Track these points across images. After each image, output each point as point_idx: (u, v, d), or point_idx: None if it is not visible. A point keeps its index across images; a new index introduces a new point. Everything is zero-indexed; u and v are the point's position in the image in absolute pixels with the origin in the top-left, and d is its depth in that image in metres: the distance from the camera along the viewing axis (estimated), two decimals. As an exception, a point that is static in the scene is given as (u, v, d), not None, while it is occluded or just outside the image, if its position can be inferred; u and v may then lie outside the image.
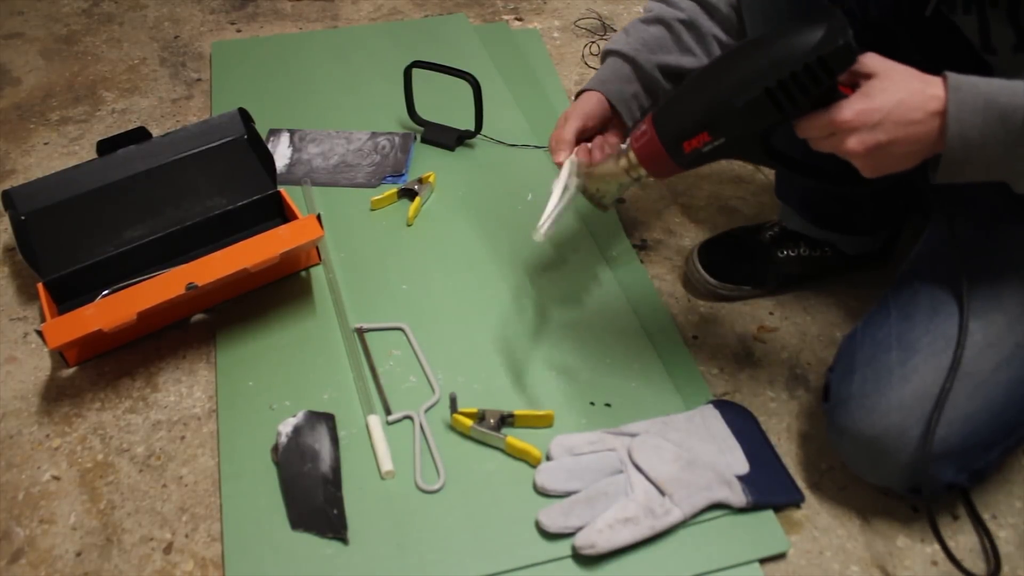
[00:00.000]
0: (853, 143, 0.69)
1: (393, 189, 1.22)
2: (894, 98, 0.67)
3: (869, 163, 0.70)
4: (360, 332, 1.03)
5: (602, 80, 0.95)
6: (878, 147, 0.68)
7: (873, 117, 0.67)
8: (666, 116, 0.77)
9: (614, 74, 0.95)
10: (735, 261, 1.09)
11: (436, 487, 0.87)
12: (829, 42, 0.67)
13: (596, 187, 0.85)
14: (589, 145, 0.92)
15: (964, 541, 0.85)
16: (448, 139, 1.31)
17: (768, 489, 0.86)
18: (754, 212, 1.22)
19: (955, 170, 0.69)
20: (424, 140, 1.32)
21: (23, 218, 1.12)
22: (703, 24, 0.94)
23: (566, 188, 0.88)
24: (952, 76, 0.67)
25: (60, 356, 1.01)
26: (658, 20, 0.95)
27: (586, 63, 1.54)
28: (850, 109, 0.68)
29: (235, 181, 1.17)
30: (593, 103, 0.93)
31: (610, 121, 0.94)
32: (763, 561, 0.83)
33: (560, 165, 0.89)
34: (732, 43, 0.97)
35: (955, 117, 0.66)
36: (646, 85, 0.95)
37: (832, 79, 0.68)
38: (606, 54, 0.98)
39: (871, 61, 0.69)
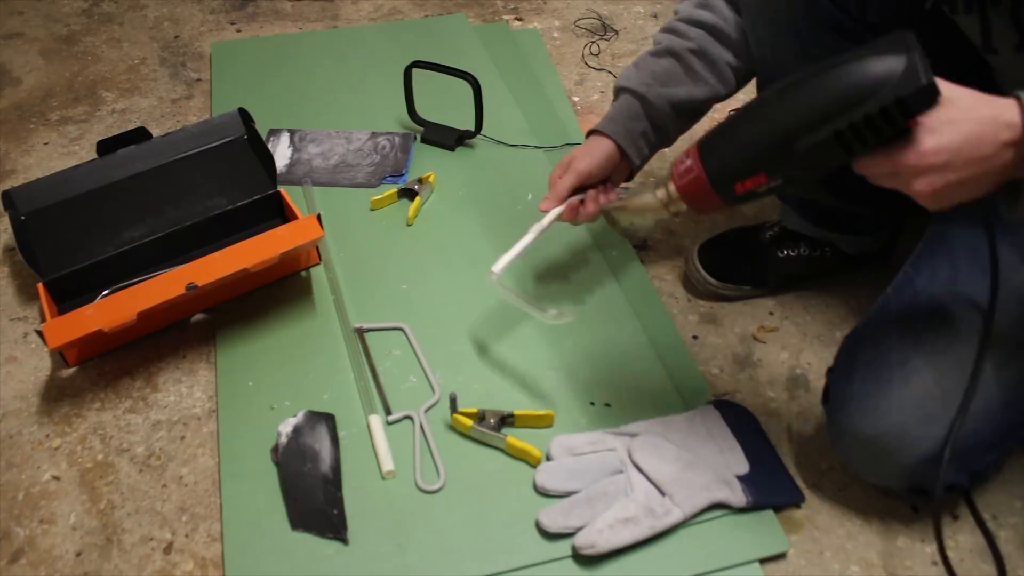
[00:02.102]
0: (920, 185, 0.63)
1: (393, 189, 1.22)
2: (963, 133, 0.61)
3: (935, 201, 0.64)
4: (360, 332, 1.03)
5: (610, 119, 0.96)
6: (947, 187, 0.63)
7: (941, 157, 0.61)
8: (717, 154, 0.69)
9: (622, 112, 0.95)
10: (735, 261, 1.09)
11: (436, 487, 0.87)
12: (910, 81, 0.60)
13: (630, 221, 0.79)
14: (579, 198, 0.94)
15: (964, 541, 0.85)
16: (448, 139, 1.31)
17: (768, 489, 0.86)
18: (754, 212, 1.22)
19: None
20: (424, 140, 1.32)
21: (23, 218, 1.12)
22: (713, 51, 0.94)
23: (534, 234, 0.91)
24: None
25: (60, 356, 1.01)
26: (668, 52, 0.95)
27: (586, 63, 1.54)
28: (916, 152, 0.62)
29: (235, 181, 1.17)
30: (599, 152, 0.94)
31: (617, 164, 0.95)
32: (763, 561, 0.83)
33: (544, 211, 0.91)
34: (744, 67, 0.96)
35: None
36: (655, 121, 0.96)
37: (908, 122, 0.61)
38: (617, 91, 0.98)
39: (940, 84, 0.62)
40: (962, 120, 0.61)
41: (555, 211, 0.92)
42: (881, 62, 0.61)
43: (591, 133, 0.97)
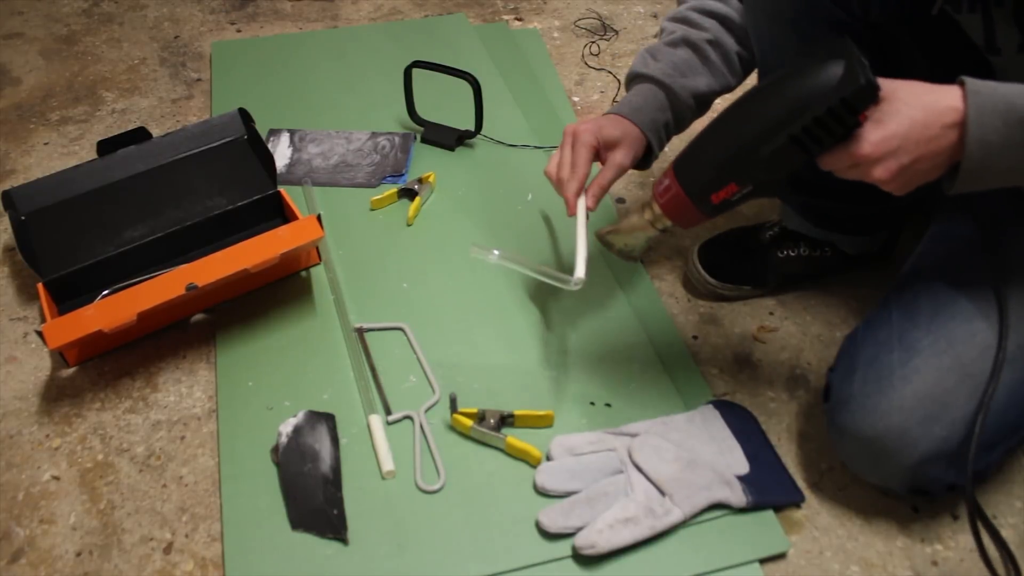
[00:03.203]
0: (878, 172, 0.68)
1: (393, 189, 1.22)
2: (908, 119, 0.67)
3: (895, 185, 0.70)
4: (360, 332, 1.03)
5: (638, 108, 0.93)
6: (902, 170, 0.68)
7: (892, 144, 0.67)
8: (690, 169, 0.75)
9: (649, 103, 0.94)
10: (735, 261, 1.09)
11: (436, 487, 0.87)
12: (850, 81, 0.66)
13: (624, 243, 0.85)
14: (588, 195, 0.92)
15: (964, 541, 0.85)
16: (448, 139, 1.31)
17: (768, 489, 0.86)
18: (754, 212, 1.22)
19: (974, 177, 0.68)
20: (424, 140, 1.32)
21: (23, 218, 1.12)
22: (726, 42, 0.94)
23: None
24: (970, 81, 0.66)
25: (60, 356, 1.01)
26: (684, 41, 0.94)
27: (586, 63, 1.54)
28: (867, 142, 0.67)
29: (235, 181, 1.17)
30: (639, 146, 0.92)
31: (617, 144, 0.92)
32: (763, 561, 0.83)
33: (574, 209, 0.90)
34: (749, 57, 0.96)
35: (976, 122, 0.65)
36: (677, 113, 0.95)
37: (856, 118, 0.67)
38: (635, 77, 0.96)
39: (880, 83, 0.68)
40: (906, 108, 0.67)
41: (582, 212, 0.91)
42: (823, 69, 0.67)
43: (611, 115, 0.93)
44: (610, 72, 1.51)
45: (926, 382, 0.78)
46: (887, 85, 0.68)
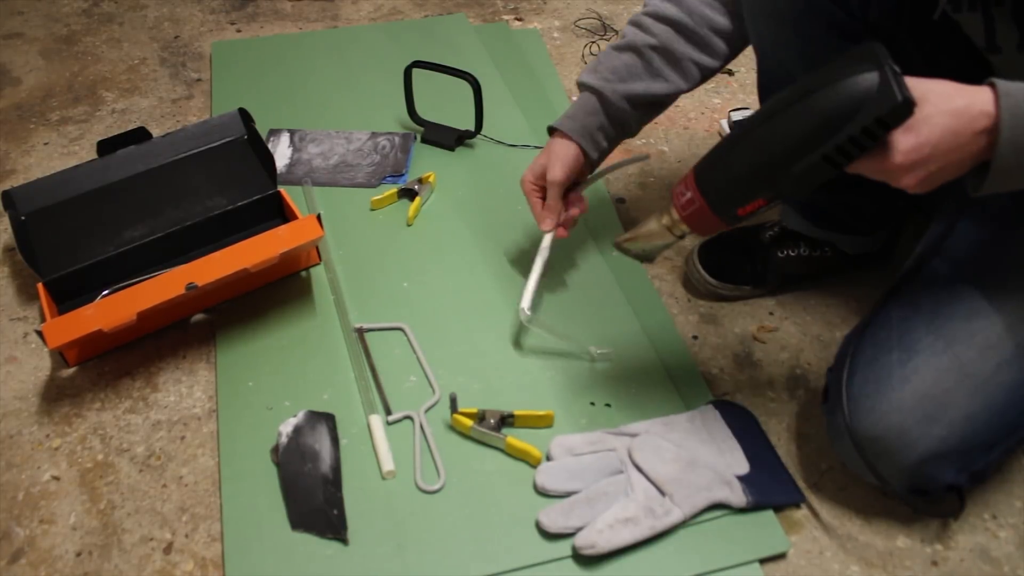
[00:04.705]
0: (907, 180, 0.67)
1: (393, 189, 1.22)
2: (940, 127, 0.65)
3: (921, 189, 0.69)
4: (360, 332, 1.03)
5: (569, 116, 0.99)
6: (929, 177, 0.67)
7: (923, 153, 0.65)
8: (714, 183, 0.73)
9: (581, 109, 0.98)
10: (735, 261, 1.09)
11: (436, 487, 0.87)
12: (886, 99, 0.63)
13: (642, 248, 0.84)
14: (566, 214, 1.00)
15: (964, 541, 0.85)
16: (448, 139, 1.31)
17: (768, 489, 0.86)
18: (754, 212, 1.22)
19: (1004, 179, 0.67)
20: (424, 140, 1.32)
21: (23, 218, 1.12)
22: (677, 48, 0.94)
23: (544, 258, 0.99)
24: (1001, 83, 0.65)
25: (60, 356, 1.01)
26: (629, 47, 0.96)
27: (586, 63, 1.54)
28: (899, 151, 0.65)
29: (235, 181, 1.17)
30: (569, 158, 0.97)
31: (583, 162, 0.98)
32: (763, 561, 0.83)
33: (547, 230, 0.98)
34: (713, 65, 0.97)
35: (1009, 125, 0.64)
36: (612, 116, 0.98)
37: (888, 133, 0.65)
38: (578, 85, 1.01)
39: (910, 85, 0.66)
40: (937, 115, 0.65)
41: (550, 234, 1.00)
42: (856, 83, 0.65)
43: (551, 130, 1.00)
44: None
45: (925, 382, 0.78)
46: (917, 87, 0.65)
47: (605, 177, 1.28)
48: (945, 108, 0.65)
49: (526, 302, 0.97)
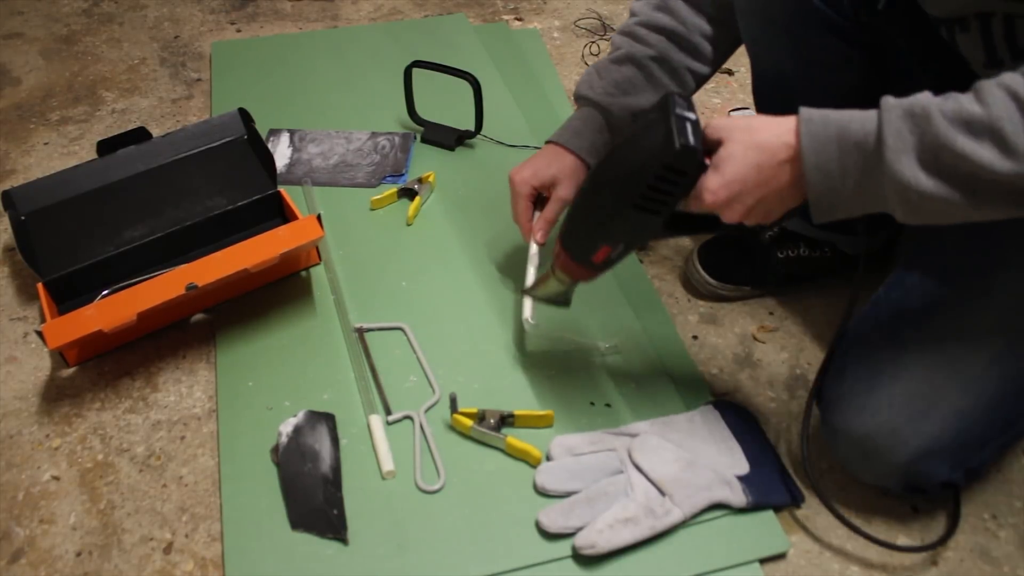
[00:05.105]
0: (729, 215, 0.71)
1: (393, 189, 1.22)
2: (743, 163, 0.68)
3: (752, 220, 0.72)
4: (360, 332, 1.03)
5: (577, 133, 0.98)
6: (748, 211, 0.70)
7: (733, 189, 0.69)
8: (569, 238, 0.82)
9: (588, 126, 0.97)
10: (735, 261, 1.09)
11: (436, 487, 0.87)
12: (668, 146, 0.68)
13: (546, 294, 0.91)
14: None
15: (964, 541, 0.85)
16: (448, 139, 1.31)
17: (768, 489, 0.86)
18: (754, 212, 1.22)
19: (827, 205, 0.69)
20: (424, 140, 1.32)
21: (23, 218, 1.12)
22: (674, 58, 0.94)
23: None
24: (804, 111, 0.67)
25: (60, 356, 1.01)
26: (629, 59, 0.96)
27: (586, 63, 1.54)
28: (708, 191, 0.69)
29: (235, 181, 1.17)
30: (579, 176, 0.96)
31: (556, 182, 0.98)
32: (763, 561, 0.83)
33: (540, 242, 0.99)
34: (705, 72, 0.97)
35: (810, 151, 0.66)
36: (616, 132, 0.98)
37: (688, 175, 0.69)
38: (578, 98, 1.00)
39: (714, 126, 0.70)
40: (741, 151, 0.68)
41: (535, 244, 1.01)
42: (647, 134, 0.70)
43: (551, 143, 0.99)
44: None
45: (915, 379, 0.78)
46: (722, 127, 0.69)
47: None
48: (749, 143, 0.68)
49: (527, 312, 0.97)
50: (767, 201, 0.70)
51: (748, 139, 0.69)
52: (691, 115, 0.69)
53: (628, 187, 0.72)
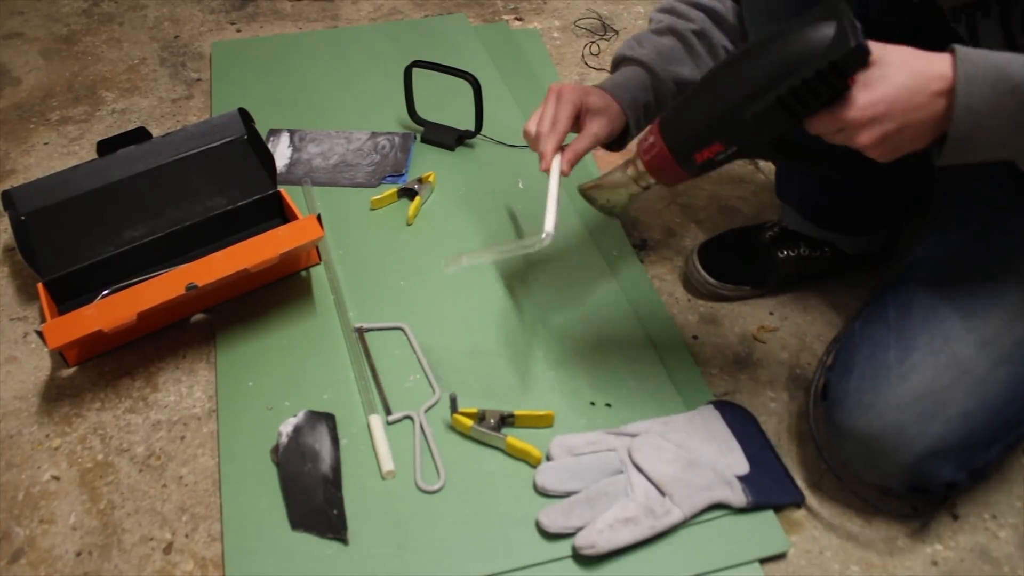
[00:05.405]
0: (863, 138, 0.67)
1: (393, 189, 1.22)
2: (896, 85, 0.65)
3: (881, 151, 0.69)
4: (360, 332, 1.03)
5: (621, 86, 0.93)
6: (887, 136, 0.67)
7: (878, 109, 0.66)
8: (674, 127, 0.75)
9: (631, 81, 0.93)
10: (735, 261, 1.09)
11: (436, 487, 0.87)
12: (840, 44, 0.64)
13: (607, 198, 0.84)
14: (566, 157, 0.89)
15: (964, 541, 0.85)
16: (448, 139, 1.31)
17: (768, 489, 0.86)
18: (754, 212, 1.22)
19: (961, 148, 0.67)
20: (424, 140, 1.32)
21: (23, 218, 1.12)
22: (713, 35, 0.94)
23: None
24: (961, 49, 0.65)
25: (60, 356, 1.01)
26: (670, 31, 0.94)
27: (586, 63, 1.54)
28: (854, 106, 0.66)
29: (235, 181, 1.17)
30: (618, 121, 0.91)
31: (598, 114, 0.90)
32: (763, 561, 0.83)
33: (547, 170, 0.87)
34: None
35: (964, 90, 0.64)
36: (659, 97, 0.94)
37: (844, 81, 0.66)
38: (621, 60, 0.96)
39: (871, 48, 0.67)
40: (894, 74, 0.66)
41: (556, 168, 0.88)
42: (814, 31, 0.66)
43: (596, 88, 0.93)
44: (610, 72, 1.51)
45: (923, 379, 0.78)
46: (878, 49, 0.66)
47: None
48: (903, 68, 0.66)
49: (550, 225, 0.85)
50: (907, 131, 0.67)
51: (904, 64, 0.66)
52: (859, 24, 0.66)
53: (778, 78, 0.67)
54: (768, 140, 0.71)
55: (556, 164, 0.88)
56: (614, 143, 0.95)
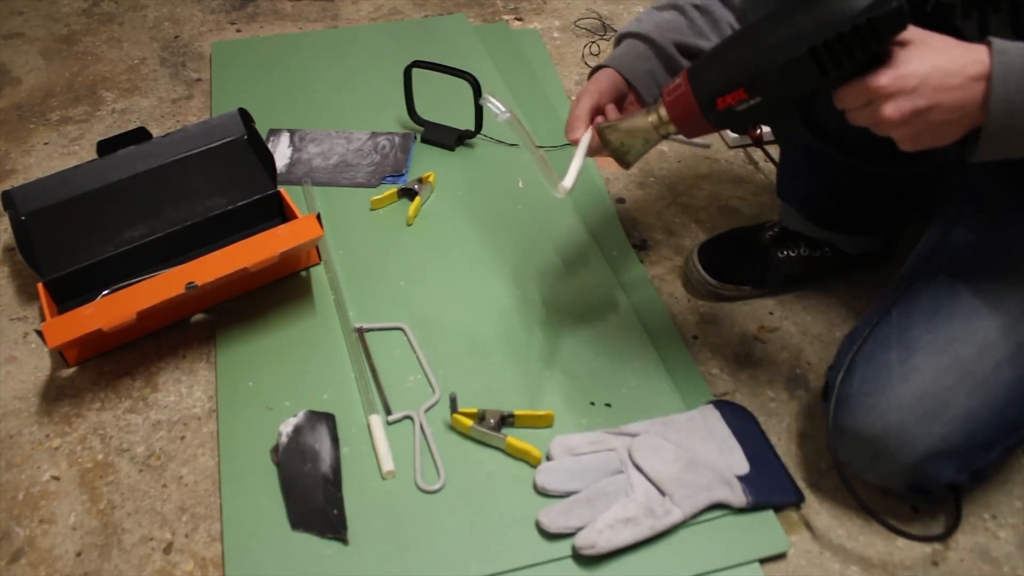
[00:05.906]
0: (890, 110, 0.66)
1: (393, 189, 1.22)
2: (932, 63, 0.65)
3: (907, 132, 0.67)
4: (360, 332, 1.03)
5: (616, 57, 0.93)
6: (916, 113, 0.65)
7: (910, 82, 0.64)
8: (702, 70, 0.74)
9: (629, 53, 0.93)
10: (735, 261, 1.09)
11: (436, 487, 0.87)
12: (881, 3, 0.63)
13: (621, 141, 0.82)
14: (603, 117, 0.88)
15: (964, 541, 0.85)
16: (448, 139, 1.31)
17: (768, 489, 0.86)
18: (754, 212, 1.22)
19: (998, 142, 0.66)
20: (424, 140, 1.32)
21: (23, 218, 1.12)
22: (717, 11, 0.93)
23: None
24: (997, 41, 0.65)
25: (60, 356, 1.01)
26: (671, 6, 0.94)
27: (586, 63, 1.54)
28: (887, 75, 0.65)
29: (235, 181, 1.17)
30: (606, 80, 0.90)
31: (625, 98, 0.91)
32: (763, 561, 0.83)
33: (576, 142, 0.86)
34: None
35: (1000, 80, 0.63)
36: (664, 61, 0.93)
37: (880, 44, 0.65)
38: (621, 37, 0.95)
39: (908, 31, 0.66)
40: (933, 53, 0.65)
41: (587, 136, 0.87)
42: None
43: (596, 70, 0.93)
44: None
45: (925, 380, 0.78)
46: (919, 32, 0.66)
47: (606, 178, 1.28)
48: (941, 48, 0.65)
49: (569, 182, 0.84)
50: (936, 112, 0.65)
51: (942, 45, 0.65)
52: None
53: (814, 28, 0.66)
54: (792, 98, 0.70)
55: (587, 136, 0.87)
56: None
